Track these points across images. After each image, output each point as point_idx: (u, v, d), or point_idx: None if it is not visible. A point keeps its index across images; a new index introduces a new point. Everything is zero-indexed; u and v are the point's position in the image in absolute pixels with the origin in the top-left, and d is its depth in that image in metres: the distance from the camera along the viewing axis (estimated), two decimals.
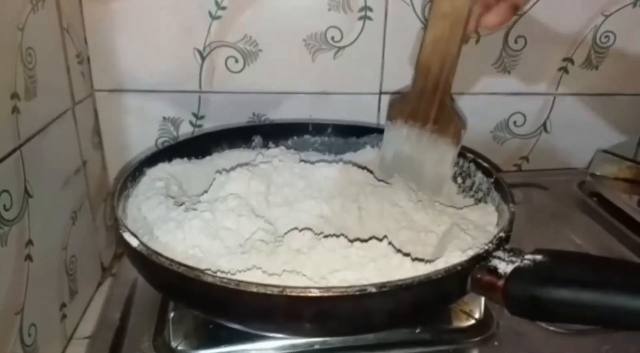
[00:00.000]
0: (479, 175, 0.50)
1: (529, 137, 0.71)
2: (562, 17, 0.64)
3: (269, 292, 0.31)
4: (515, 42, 0.64)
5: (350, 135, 0.59)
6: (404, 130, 0.50)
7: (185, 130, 0.62)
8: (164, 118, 0.62)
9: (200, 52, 0.59)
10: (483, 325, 0.43)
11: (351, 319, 0.34)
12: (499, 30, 0.44)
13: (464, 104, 0.66)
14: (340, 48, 0.61)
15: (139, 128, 0.62)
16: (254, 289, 0.31)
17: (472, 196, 0.51)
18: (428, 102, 0.48)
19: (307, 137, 0.59)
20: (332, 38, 0.60)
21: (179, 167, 0.52)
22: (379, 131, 0.57)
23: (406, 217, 0.45)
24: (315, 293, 0.31)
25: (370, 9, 0.59)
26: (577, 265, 0.34)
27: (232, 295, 0.32)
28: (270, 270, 0.37)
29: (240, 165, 0.51)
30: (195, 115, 0.62)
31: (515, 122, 0.69)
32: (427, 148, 0.49)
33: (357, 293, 0.31)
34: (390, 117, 0.51)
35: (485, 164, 0.50)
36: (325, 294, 0.31)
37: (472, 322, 0.43)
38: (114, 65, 0.58)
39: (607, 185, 0.66)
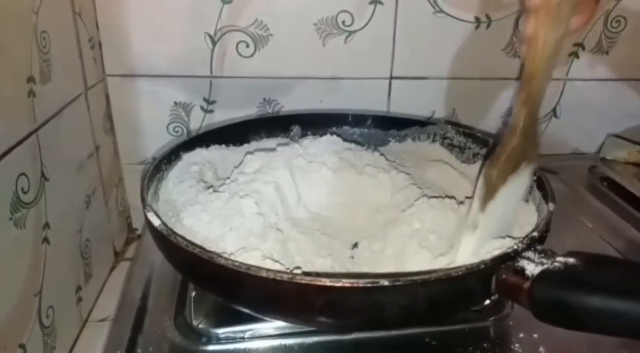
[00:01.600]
0: None
1: (539, 122, 0.70)
2: None
3: (278, 278, 0.30)
4: None
5: (390, 127, 0.59)
6: (501, 193, 0.39)
7: (197, 115, 0.62)
8: (175, 103, 0.62)
9: (211, 37, 0.59)
10: (498, 304, 0.43)
11: (360, 313, 0.33)
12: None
13: (475, 89, 0.66)
14: (351, 32, 0.61)
15: (150, 113, 0.62)
16: (264, 274, 0.31)
17: None
18: (520, 149, 0.39)
19: (346, 128, 0.59)
20: (343, 22, 0.60)
21: (216, 153, 0.52)
22: (421, 123, 0.58)
23: (438, 213, 0.43)
24: (325, 282, 0.30)
25: None
26: (611, 270, 0.31)
27: (242, 278, 0.31)
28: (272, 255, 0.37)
29: (263, 149, 0.52)
30: (206, 100, 0.62)
31: None
32: (514, 188, 0.40)
33: (369, 285, 0.30)
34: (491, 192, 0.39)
35: None
36: (335, 284, 0.30)
37: (487, 301, 0.42)
38: (125, 50, 0.58)
39: (618, 169, 0.67)
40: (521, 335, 0.41)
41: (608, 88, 0.70)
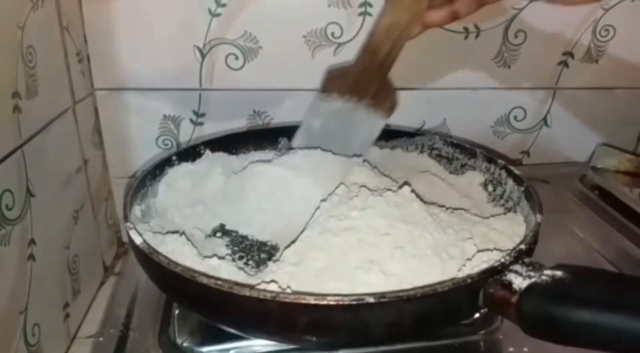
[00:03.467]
0: (510, 183, 0.48)
1: (530, 132, 0.71)
2: (562, 11, 0.64)
3: (261, 297, 0.30)
4: (515, 36, 0.64)
5: (379, 138, 0.58)
6: (337, 104, 0.51)
7: (186, 128, 0.62)
8: (165, 116, 0.61)
9: (200, 50, 0.58)
10: (487, 318, 0.42)
11: (347, 331, 0.32)
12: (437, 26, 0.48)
13: (464, 99, 0.66)
14: (340, 44, 0.61)
15: (140, 126, 0.61)
16: (247, 293, 0.30)
17: (502, 205, 0.49)
18: (370, 79, 0.51)
19: None
20: (332, 34, 0.60)
21: (201, 166, 0.52)
22: (409, 134, 0.58)
23: (425, 223, 0.42)
24: (309, 300, 0.30)
25: (370, 5, 0.59)
26: (599, 284, 0.31)
27: (224, 297, 0.31)
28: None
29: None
30: (195, 113, 0.62)
31: (515, 117, 0.69)
32: (358, 121, 0.52)
33: (354, 302, 0.30)
34: (326, 89, 0.52)
35: (517, 172, 0.48)
36: (320, 302, 0.30)
37: (477, 315, 0.42)
38: (113, 63, 0.58)
39: (608, 178, 0.67)
40: (511, 349, 0.40)
41: (598, 96, 0.70)
